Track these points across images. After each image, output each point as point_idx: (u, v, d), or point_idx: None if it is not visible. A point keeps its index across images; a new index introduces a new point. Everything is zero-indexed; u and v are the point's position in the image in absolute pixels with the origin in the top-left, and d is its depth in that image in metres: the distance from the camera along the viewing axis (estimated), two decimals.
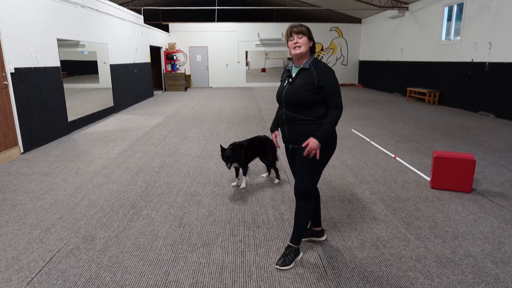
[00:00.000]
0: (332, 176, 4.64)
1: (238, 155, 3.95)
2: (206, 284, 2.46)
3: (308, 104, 2.47)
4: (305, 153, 2.47)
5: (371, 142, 6.47)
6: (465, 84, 10.42)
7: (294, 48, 2.50)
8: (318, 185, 4.18)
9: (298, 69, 2.55)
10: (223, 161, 4.02)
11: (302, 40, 2.48)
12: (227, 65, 19.12)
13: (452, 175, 4.04)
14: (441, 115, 9.47)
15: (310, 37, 2.52)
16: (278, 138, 2.91)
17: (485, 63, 9.56)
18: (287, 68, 2.67)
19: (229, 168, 3.93)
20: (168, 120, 8.83)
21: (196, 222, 3.37)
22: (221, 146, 3.98)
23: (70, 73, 7.71)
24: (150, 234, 3.13)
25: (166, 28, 18.36)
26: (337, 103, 2.46)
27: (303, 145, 2.49)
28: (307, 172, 2.56)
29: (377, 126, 8.01)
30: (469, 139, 6.71)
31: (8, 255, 2.81)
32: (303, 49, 2.49)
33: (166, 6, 17.93)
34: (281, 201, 3.86)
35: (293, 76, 2.55)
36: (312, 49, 2.57)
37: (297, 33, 2.49)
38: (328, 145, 2.56)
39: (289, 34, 2.52)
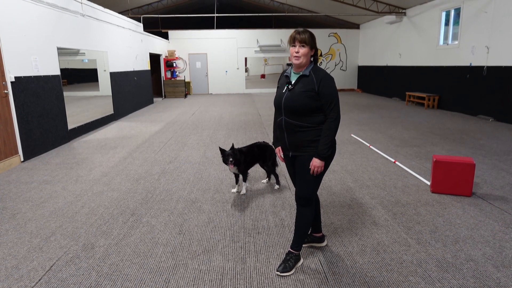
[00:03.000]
0: (332, 181, 4.63)
1: (238, 159, 3.95)
2: None
3: (308, 110, 2.46)
4: (311, 172, 2.50)
5: (370, 147, 6.48)
6: (464, 88, 10.46)
7: (295, 57, 2.48)
8: (318, 191, 4.17)
9: (298, 75, 2.53)
10: (224, 164, 4.00)
11: (303, 51, 2.45)
12: (226, 71, 19.20)
13: (452, 179, 4.04)
14: (441, 119, 9.49)
15: (313, 46, 2.48)
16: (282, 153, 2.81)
17: (483, 67, 9.60)
18: (285, 74, 2.64)
19: (231, 163, 3.84)
20: (168, 127, 8.84)
21: (196, 229, 3.36)
22: (220, 148, 3.97)
23: (70, 81, 7.75)
24: (150, 242, 3.13)
25: (165, 36, 18.47)
26: (335, 111, 2.44)
27: (311, 173, 2.51)
28: (308, 179, 2.55)
29: (377, 130, 8.02)
30: (468, 143, 6.71)
31: (8, 264, 2.80)
32: (302, 60, 2.46)
33: (165, 13, 18.07)
34: (281, 207, 3.85)
35: (293, 82, 2.53)
36: (313, 57, 2.54)
37: (300, 41, 2.45)
38: None
39: (292, 41, 2.48)
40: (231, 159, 3.83)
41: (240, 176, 4.28)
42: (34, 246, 3.07)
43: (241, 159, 3.99)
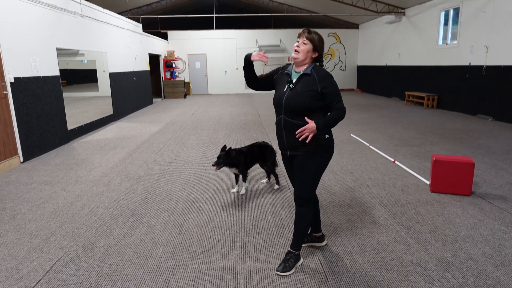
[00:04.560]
0: (331, 181, 4.64)
1: (237, 161, 3.95)
2: None
3: (309, 110, 2.44)
4: (297, 131, 2.41)
5: (370, 146, 6.48)
6: (463, 88, 10.47)
7: (294, 51, 2.48)
8: (318, 190, 4.18)
9: (299, 74, 2.51)
10: (226, 166, 3.99)
11: (304, 47, 2.44)
12: (226, 72, 19.20)
13: (452, 179, 4.04)
14: (440, 119, 9.49)
15: (317, 48, 2.47)
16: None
17: (482, 66, 9.61)
18: (286, 72, 2.60)
19: (216, 168, 3.86)
20: (168, 128, 8.84)
21: (196, 229, 3.36)
22: (224, 146, 3.95)
23: (70, 82, 7.75)
24: (150, 242, 3.13)
25: (165, 36, 18.47)
26: (342, 107, 2.44)
27: (299, 131, 2.40)
28: (307, 178, 2.55)
29: (376, 130, 8.03)
30: (468, 142, 6.72)
31: (8, 265, 2.80)
32: (301, 55, 2.46)
33: (164, 14, 18.06)
34: (281, 206, 3.86)
35: (294, 81, 2.50)
36: (317, 60, 2.53)
37: (305, 38, 2.44)
38: (326, 150, 2.55)
39: (299, 36, 2.49)
40: (213, 163, 3.84)
41: (240, 176, 4.28)
42: (34, 247, 3.07)
43: (240, 159, 3.99)
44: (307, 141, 2.43)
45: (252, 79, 2.73)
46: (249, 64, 2.67)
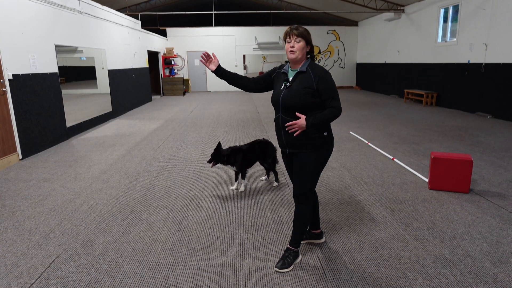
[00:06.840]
0: (330, 178, 4.65)
1: (231, 159, 3.99)
2: None
3: (306, 107, 2.44)
4: (287, 124, 2.40)
5: (369, 144, 6.49)
6: (462, 85, 10.47)
7: (290, 52, 2.48)
8: (317, 188, 4.18)
9: (295, 72, 2.52)
10: (221, 164, 4.03)
11: (299, 45, 2.45)
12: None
13: (450, 176, 4.06)
14: (439, 116, 9.51)
15: (308, 42, 2.48)
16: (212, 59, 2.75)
17: (481, 64, 9.61)
18: (282, 71, 2.61)
19: (208, 163, 4.12)
20: (167, 125, 8.84)
21: (195, 226, 3.37)
22: (219, 145, 3.97)
23: (68, 79, 7.73)
24: (149, 239, 3.14)
25: (163, 33, 18.41)
26: (336, 106, 2.43)
27: (288, 124, 2.40)
28: (306, 176, 2.56)
29: (375, 128, 8.04)
30: (466, 140, 6.73)
31: (7, 261, 2.81)
32: (298, 54, 2.46)
33: (163, 11, 17.99)
34: (280, 204, 3.86)
35: (290, 79, 2.52)
36: (309, 53, 2.54)
37: (296, 35, 2.44)
38: (325, 147, 2.56)
39: (288, 36, 2.48)
40: (207, 160, 4.05)
41: (240, 174, 4.29)
42: (33, 244, 3.07)
43: (237, 158, 4.01)
44: (294, 135, 2.44)
45: (240, 83, 2.78)
46: (217, 72, 2.74)
